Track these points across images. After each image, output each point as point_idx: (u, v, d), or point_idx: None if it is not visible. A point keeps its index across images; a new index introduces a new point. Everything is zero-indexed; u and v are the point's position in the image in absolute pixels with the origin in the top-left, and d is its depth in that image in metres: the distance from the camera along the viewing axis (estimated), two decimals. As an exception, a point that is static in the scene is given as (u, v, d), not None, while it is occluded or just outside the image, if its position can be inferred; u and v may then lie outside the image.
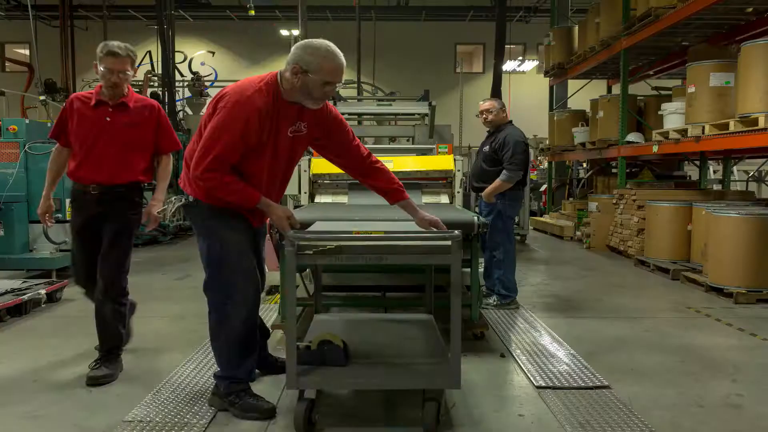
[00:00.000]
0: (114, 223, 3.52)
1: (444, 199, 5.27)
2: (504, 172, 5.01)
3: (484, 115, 5.28)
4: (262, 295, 3.40)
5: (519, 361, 3.78)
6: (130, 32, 20.00)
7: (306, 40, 2.81)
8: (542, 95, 17.30)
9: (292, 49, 2.79)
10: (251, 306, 2.99)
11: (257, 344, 3.16)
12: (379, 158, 3.28)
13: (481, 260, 5.08)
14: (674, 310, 5.22)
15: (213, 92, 13.77)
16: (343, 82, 2.95)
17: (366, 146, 3.29)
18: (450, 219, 3.69)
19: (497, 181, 5.02)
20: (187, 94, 13.70)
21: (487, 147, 5.22)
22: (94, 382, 3.35)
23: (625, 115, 9.00)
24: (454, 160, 5.33)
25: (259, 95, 2.74)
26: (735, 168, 12.71)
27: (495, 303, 5.15)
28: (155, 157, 3.72)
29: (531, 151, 14.89)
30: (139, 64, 16.50)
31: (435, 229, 2.98)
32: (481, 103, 5.35)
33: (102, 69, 3.47)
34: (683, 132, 7.06)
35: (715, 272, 5.76)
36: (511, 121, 5.33)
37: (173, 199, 3.11)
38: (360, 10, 14.26)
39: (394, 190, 3.12)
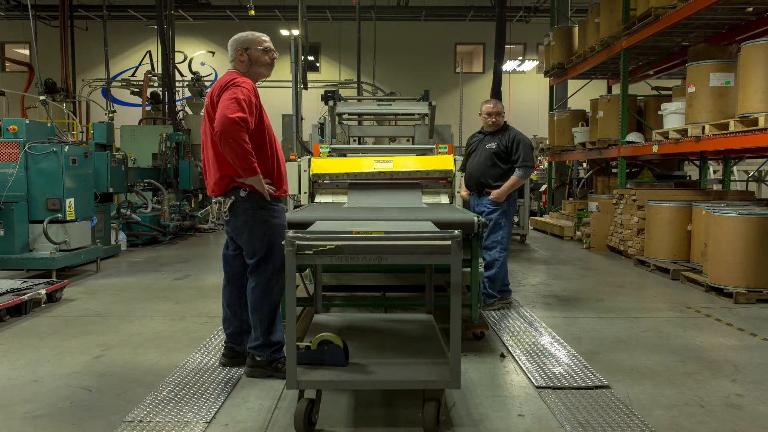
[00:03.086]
0: None
1: (444, 199, 5.27)
2: (518, 170, 5.10)
3: (493, 118, 5.24)
4: None
5: (519, 361, 3.78)
6: (130, 32, 20.08)
7: (234, 37, 3.45)
8: (542, 95, 17.33)
9: (228, 48, 3.44)
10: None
11: None
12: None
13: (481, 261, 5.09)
14: (674, 310, 5.22)
15: (213, 92, 13.78)
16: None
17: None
18: (450, 219, 3.70)
19: (513, 178, 5.10)
20: (187, 94, 13.71)
21: (494, 144, 5.18)
22: None
23: (625, 115, 9.00)
24: (454, 160, 5.33)
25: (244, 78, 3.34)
26: (735, 168, 12.72)
27: (496, 305, 5.13)
28: None
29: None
30: (139, 64, 16.57)
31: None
32: (488, 105, 5.30)
33: None
34: (683, 132, 7.07)
35: (715, 272, 5.76)
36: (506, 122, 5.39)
37: (220, 199, 3.39)
38: (360, 10, 14.26)
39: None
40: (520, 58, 19.93)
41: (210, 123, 3.33)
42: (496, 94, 9.86)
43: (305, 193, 5.31)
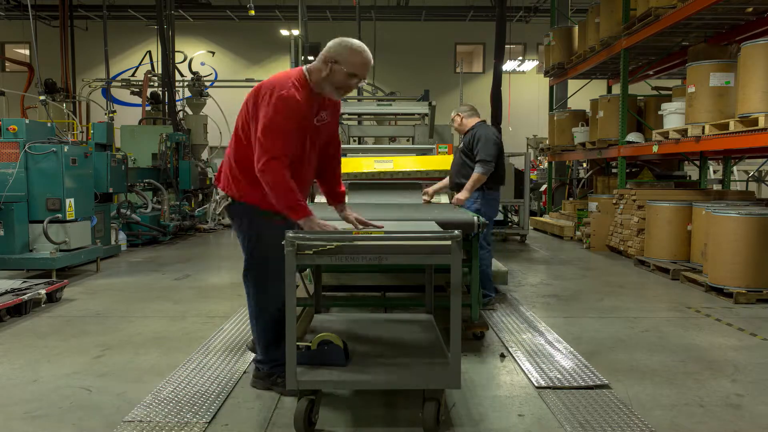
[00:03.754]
0: None
1: (444, 199, 5.27)
2: (477, 166, 4.91)
3: (455, 124, 5.29)
4: None
5: (519, 361, 3.78)
6: (130, 32, 20.07)
7: (341, 39, 3.04)
8: (542, 95, 17.32)
9: (328, 44, 3.02)
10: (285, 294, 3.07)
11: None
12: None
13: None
14: (674, 310, 5.22)
15: (213, 92, 13.78)
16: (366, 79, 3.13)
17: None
18: (450, 219, 3.70)
19: (475, 175, 4.90)
20: (187, 94, 13.69)
21: (461, 144, 5.20)
22: None
23: (625, 115, 9.00)
24: (454, 160, 5.33)
25: (297, 90, 2.96)
26: (735, 168, 12.72)
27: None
28: None
29: (531, 151, 14.87)
30: (139, 64, 16.56)
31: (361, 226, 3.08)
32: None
33: None
34: (683, 132, 7.07)
35: (715, 272, 5.76)
36: (484, 121, 5.27)
37: (217, 198, 3.25)
38: (360, 10, 14.26)
39: (341, 193, 3.45)
40: (520, 58, 19.92)
41: (241, 117, 3.08)
42: (496, 94, 9.85)
43: (305, 193, 5.31)
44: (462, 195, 4.93)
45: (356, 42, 3.01)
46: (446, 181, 5.21)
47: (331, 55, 2.98)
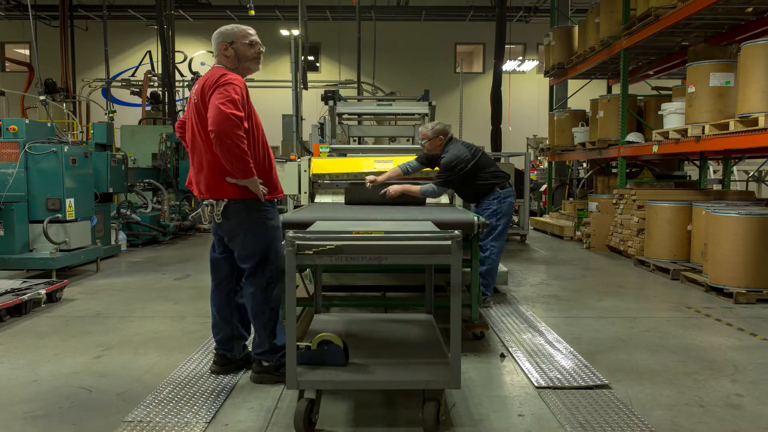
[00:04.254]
0: None
1: (444, 199, 5.27)
2: (431, 184, 4.71)
3: (427, 145, 4.91)
4: None
5: (519, 361, 3.78)
6: (130, 32, 20.08)
7: (217, 30, 3.33)
8: (542, 95, 17.34)
9: (212, 42, 3.33)
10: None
11: None
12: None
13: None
14: (674, 310, 5.22)
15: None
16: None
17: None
18: (450, 219, 3.70)
19: (416, 188, 4.71)
20: (187, 94, 13.69)
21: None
22: None
23: (625, 115, 9.00)
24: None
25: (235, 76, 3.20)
26: (735, 168, 12.72)
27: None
28: None
29: (531, 151, 14.84)
30: (139, 64, 16.56)
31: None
32: (421, 130, 5.01)
33: None
34: (683, 132, 7.07)
35: (715, 272, 5.76)
36: (451, 138, 4.96)
37: (212, 202, 3.25)
38: (360, 10, 14.26)
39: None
40: (520, 58, 19.93)
41: (199, 122, 3.18)
42: (496, 94, 9.88)
43: (305, 193, 5.31)
44: (395, 192, 4.74)
45: (228, 25, 3.36)
46: (397, 170, 4.94)
47: (223, 42, 3.26)
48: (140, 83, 14.95)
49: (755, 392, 3.30)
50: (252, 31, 3.33)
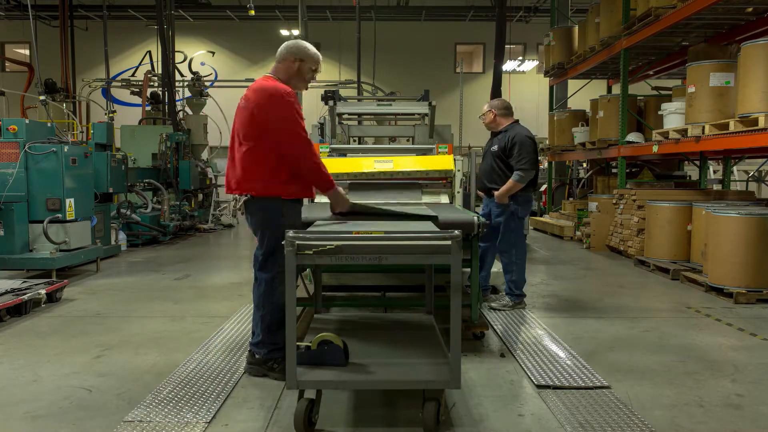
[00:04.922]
0: None
1: (444, 199, 5.26)
2: (516, 172, 5.00)
3: (485, 119, 5.32)
4: None
5: (519, 361, 3.78)
6: (130, 32, 20.07)
7: (294, 41, 3.56)
8: (542, 95, 17.33)
9: (283, 47, 3.51)
10: None
11: None
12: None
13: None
14: (674, 310, 5.22)
15: (213, 92, 13.78)
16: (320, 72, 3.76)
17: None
18: (450, 219, 3.69)
19: (510, 182, 5.01)
20: (187, 94, 13.69)
21: (495, 146, 5.19)
22: None
23: (625, 115, 9.00)
24: (454, 160, 5.32)
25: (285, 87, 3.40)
26: (735, 168, 12.72)
27: (511, 304, 5.13)
28: None
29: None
30: (139, 64, 16.56)
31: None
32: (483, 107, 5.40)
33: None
34: (683, 132, 7.07)
35: (715, 272, 5.76)
36: (517, 121, 5.29)
37: (236, 196, 3.45)
38: (360, 10, 14.26)
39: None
40: (520, 58, 19.92)
41: (249, 125, 3.33)
42: (496, 94, 9.85)
43: (305, 193, 5.30)
44: (497, 199, 5.08)
45: (307, 43, 3.57)
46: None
47: (295, 57, 3.47)
48: (140, 83, 14.94)
49: (755, 392, 3.30)
50: (320, 59, 3.58)
